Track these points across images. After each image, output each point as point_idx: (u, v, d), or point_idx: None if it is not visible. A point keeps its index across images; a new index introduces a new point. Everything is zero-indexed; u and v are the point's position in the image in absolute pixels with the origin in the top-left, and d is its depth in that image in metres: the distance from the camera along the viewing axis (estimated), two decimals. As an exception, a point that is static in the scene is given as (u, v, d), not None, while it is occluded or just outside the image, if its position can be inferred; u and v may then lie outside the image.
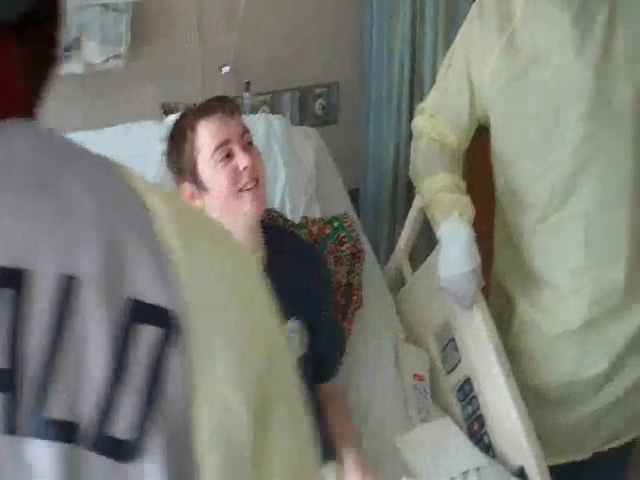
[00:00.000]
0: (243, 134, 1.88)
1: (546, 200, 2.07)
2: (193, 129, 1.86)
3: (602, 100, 1.97)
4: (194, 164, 1.85)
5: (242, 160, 1.82)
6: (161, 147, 2.09)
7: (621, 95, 1.97)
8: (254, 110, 2.55)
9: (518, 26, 2.02)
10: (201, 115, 1.86)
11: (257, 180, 1.85)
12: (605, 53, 1.96)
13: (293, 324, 1.89)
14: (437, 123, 2.19)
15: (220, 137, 1.84)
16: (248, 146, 1.87)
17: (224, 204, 1.84)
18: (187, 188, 1.88)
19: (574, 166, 2.01)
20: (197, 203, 1.87)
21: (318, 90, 2.78)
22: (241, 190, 1.83)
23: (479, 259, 2.05)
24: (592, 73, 1.96)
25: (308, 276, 1.95)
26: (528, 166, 2.08)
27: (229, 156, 1.84)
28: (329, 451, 1.83)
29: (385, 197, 2.75)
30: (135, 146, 2.19)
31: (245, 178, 1.83)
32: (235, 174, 1.83)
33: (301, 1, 2.72)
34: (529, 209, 2.11)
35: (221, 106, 1.87)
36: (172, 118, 2.27)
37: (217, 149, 1.83)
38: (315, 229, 2.21)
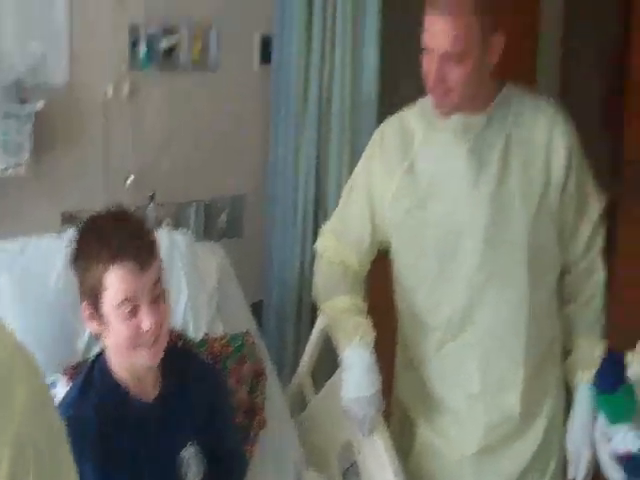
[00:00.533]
0: (155, 284, 1.73)
1: (443, 328, 2.12)
2: (104, 266, 1.70)
3: (497, 230, 2.04)
4: (98, 297, 1.72)
5: (146, 321, 1.71)
6: (61, 262, 2.03)
7: (516, 225, 2.03)
8: (158, 222, 2.52)
9: (417, 155, 2.09)
10: (115, 259, 1.69)
11: (158, 336, 1.74)
12: (500, 185, 2.02)
13: (190, 450, 1.83)
14: (339, 246, 2.23)
15: (127, 292, 1.69)
16: (156, 300, 1.74)
17: (120, 349, 1.76)
18: (87, 310, 1.76)
19: (469, 297, 2.08)
20: (92, 326, 1.77)
21: (222, 203, 2.78)
22: (140, 346, 1.74)
23: (379, 383, 2.08)
24: (488, 204, 2.03)
25: (209, 397, 1.90)
26: (426, 294, 2.13)
27: (133, 311, 1.71)
28: None
29: (289, 313, 2.75)
30: (33, 261, 2.13)
31: (145, 337, 1.73)
32: (136, 333, 1.72)
33: (208, 113, 2.74)
34: (429, 334, 2.15)
35: (137, 257, 1.69)
36: (69, 234, 2.20)
37: (122, 304, 1.70)
38: (217, 347, 2.18)
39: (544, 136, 2.04)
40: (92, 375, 1.81)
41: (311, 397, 2.40)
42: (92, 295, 1.73)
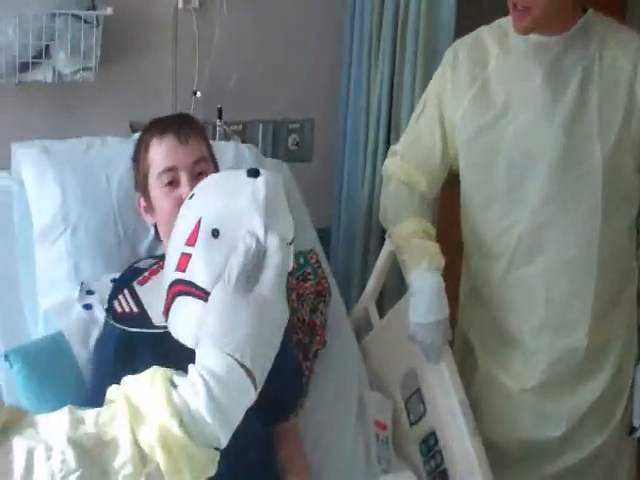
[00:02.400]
0: (197, 162, 1.79)
1: (509, 255, 2.05)
2: (147, 147, 1.82)
3: (570, 162, 1.96)
4: (146, 180, 1.81)
5: (185, 193, 1.72)
6: (124, 165, 2.03)
7: (592, 155, 1.95)
8: (226, 138, 2.46)
9: (491, 76, 2.03)
10: (155, 134, 1.81)
11: None
12: (576, 116, 1.95)
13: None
14: (408, 166, 2.17)
15: (166, 163, 1.78)
16: (200, 176, 1.74)
17: (166, 229, 1.75)
18: (141, 202, 1.86)
19: (537, 226, 2.00)
20: (148, 218, 1.85)
21: (292, 125, 2.72)
22: None
23: (448, 310, 2.03)
24: (561, 135, 1.95)
25: None
26: (495, 216, 2.07)
27: (173, 183, 1.76)
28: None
29: (357, 238, 2.68)
30: (99, 160, 2.08)
31: None
32: (177, 204, 1.69)
33: (281, 33, 2.66)
34: (495, 260, 2.09)
35: (175, 131, 1.80)
36: (136, 136, 2.19)
37: (162, 173, 1.78)
38: (279, 262, 2.11)
39: (629, 65, 1.95)
40: None
41: (376, 322, 2.34)
42: (143, 181, 1.82)
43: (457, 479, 1.97)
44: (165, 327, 1.16)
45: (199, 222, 1.23)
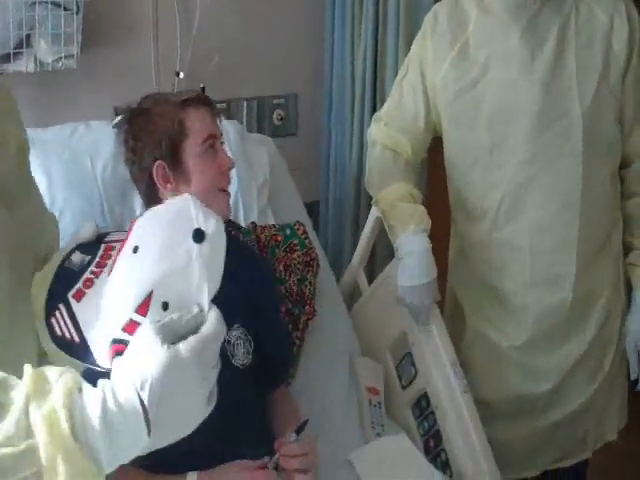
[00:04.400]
0: (221, 137, 1.88)
1: (494, 212, 2.07)
2: (183, 110, 1.80)
3: (550, 118, 1.98)
4: (177, 146, 1.79)
5: (227, 160, 1.83)
6: (109, 148, 2.05)
7: (571, 109, 1.97)
8: (210, 117, 2.48)
9: (470, 37, 2.05)
10: (190, 103, 1.81)
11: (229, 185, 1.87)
12: (554, 72, 1.97)
13: (237, 331, 1.80)
14: (392, 132, 2.19)
15: (210, 130, 1.81)
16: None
17: (201, 197, 1.72)
18: (161, 169, 1.80)
19: (521, 181, 2.02)
20: (168, 187, 1.81)
21: (276, 101, 2.74)
22: (221, 190, 1.82)
23: (436, 271, 2.05)
24: (540, 90, 1.97)
25: (255, 283, 1.87)
26: (478, 176, 2.09)
27: (214, 151, 1.82)
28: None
29: (347, 208, 2.70)
30: (83, 145, 2.11)
31: (227, 179, 1.84)
32: (220, 171, 1.82)
33: (261, 11, 2.67)
34: (479, 220, 2.12)
35: (209, 105, 1.85)
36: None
37: (207, 139, 1.80)
38: (263, 236, 2.13)
39: (605, 17, 1.98)
40: None
41: (365, 289, 2.36)
42: (170, 146, 1.79)
43: (450, 438, 2.00)
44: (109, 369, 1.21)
45: (151, 294, 1.27)
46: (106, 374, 1.12)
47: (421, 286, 2.02)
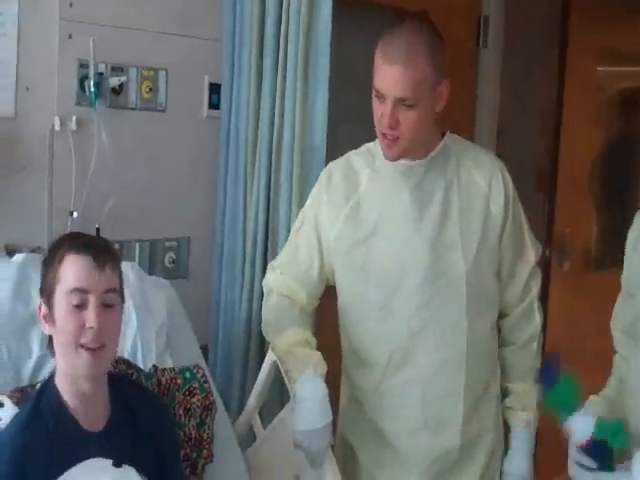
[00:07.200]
0: (108, 292, 1.74)
1: (385, 364, 2.15)
2: (62, 259, 1.74)
3: (437, 273, 2.10)
4: (52, 291, 1.74)
5: (90, 319, 1.70)
6: (7, 286, 2.05)
7: (456, 266, 2.10)
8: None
9: (362, 196, 2.16)
10: (73, 250, 1.74)
11: (103, 344, 1.73)
12: (441, 230, 2.10)
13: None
14: (287, 280, 2.25)
15: (79, 283, 1.72)
16: (107, 307, 1.74)
17: (63, 348, 1.74)
18: (42, 309, 1.78)
19: (410, 335, 2.11)
20: (46, 327, 1.77)
21: (168, 243, 2.76)
22: (81, 346, 1.72)
23: (331, 416, 2.08)
24: (428, 247, 2.09)
25: (155, 429, 1.85)
26: (369, 329, 2.16)
27: (81, 306, 1.71)
28: None
29: (237, 353, 2.70)
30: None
31: (88, 337, 1.71)
32: (80, 328, 1.71)
33: (156, 153, 2.72)
34: (370, 370, 2.18)
35: (95, 254, 1.74)
36: (17, 258, 2.17)
37: (72, 292, 1.71)
38: (164, 379, 2.13)
39: (483, 182, 2.14)
40: (41, 401, 1.77)
41: (259, 433, 2.36)
42: (48, 290, 1.75)
43: None
44: None
45: None
46: None
47: (316, 430, 2.04)
